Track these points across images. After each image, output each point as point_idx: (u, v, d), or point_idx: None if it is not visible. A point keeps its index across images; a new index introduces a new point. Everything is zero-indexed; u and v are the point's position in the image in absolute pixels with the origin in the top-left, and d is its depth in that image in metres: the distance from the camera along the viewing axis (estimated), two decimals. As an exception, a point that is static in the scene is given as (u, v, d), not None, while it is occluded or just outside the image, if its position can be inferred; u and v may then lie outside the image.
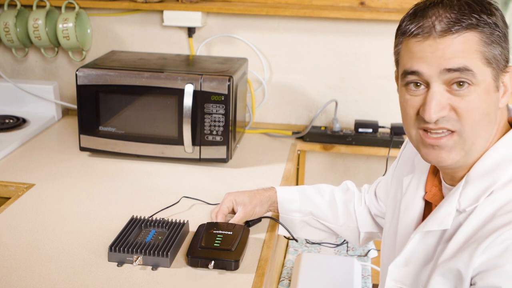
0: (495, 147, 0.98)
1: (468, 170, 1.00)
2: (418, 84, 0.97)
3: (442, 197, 1.07)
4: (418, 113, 0.98)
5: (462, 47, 0.92)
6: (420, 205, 1.12)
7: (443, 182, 1.08)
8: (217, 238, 1.28)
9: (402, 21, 0.99)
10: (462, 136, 0.96)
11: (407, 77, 0.98)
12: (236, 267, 1.24)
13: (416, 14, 0.96)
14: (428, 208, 1.12)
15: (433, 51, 0.94)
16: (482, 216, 0.95)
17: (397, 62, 1.03)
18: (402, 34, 0.98)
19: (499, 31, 0.94)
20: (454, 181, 1.04)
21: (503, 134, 1.00)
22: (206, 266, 1.23)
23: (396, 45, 1.02)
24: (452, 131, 0.96)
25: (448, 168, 1.03)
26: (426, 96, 0.96)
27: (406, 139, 1.28)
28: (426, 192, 1.12)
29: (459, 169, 1.02)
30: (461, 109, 0.94)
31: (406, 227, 1.13)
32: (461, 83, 0.93)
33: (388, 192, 1.31)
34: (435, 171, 1.12)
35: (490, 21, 0.93)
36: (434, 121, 0.96)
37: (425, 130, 0.98)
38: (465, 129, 0.95)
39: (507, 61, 0.96)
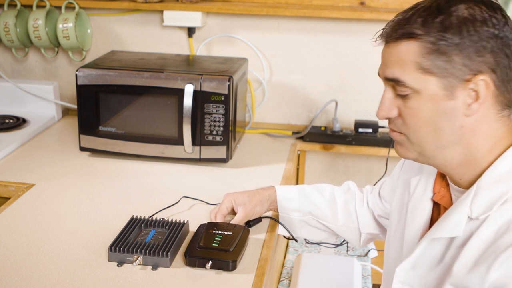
0: (507, 153, 0.96)
1: (479, 176, 0.97)
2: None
3: (451, 198, 1.06)
4: None
5: (398, 57, 0.96)
6: (428, 207, 1.11)
7: (450, 183, 1.06)
8: (216, 238, 1.28)
9: None
10: (408, 139, 1.00)
11: None
12: (233, 268, 1.23)
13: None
14: (437, 209, 1.10)
15: (383, 56, 1.00)
16: (496, 226, 0.93)
17: None
18: None
19: (447, 41, 0.91)
20: (458, 184, 1.03)
21: None
22: (203, 266, 1.22)
23: None
24: (401, 132, 1.01)
25: (445, 169, 1.02)
26: None
27: None
28: (434, 194, 1.10)
29: (451, 170, 1.01)
30: (404, 114, 0.98)
31: (414, 228, 1.12)
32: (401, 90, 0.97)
33: (393, 192, 1.29)
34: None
35: (432, 31, 0.91)
36: (388, 122, 1.02)
37: None
38: (409, 133, 0.99)
39: (473, 70, 0.91)
